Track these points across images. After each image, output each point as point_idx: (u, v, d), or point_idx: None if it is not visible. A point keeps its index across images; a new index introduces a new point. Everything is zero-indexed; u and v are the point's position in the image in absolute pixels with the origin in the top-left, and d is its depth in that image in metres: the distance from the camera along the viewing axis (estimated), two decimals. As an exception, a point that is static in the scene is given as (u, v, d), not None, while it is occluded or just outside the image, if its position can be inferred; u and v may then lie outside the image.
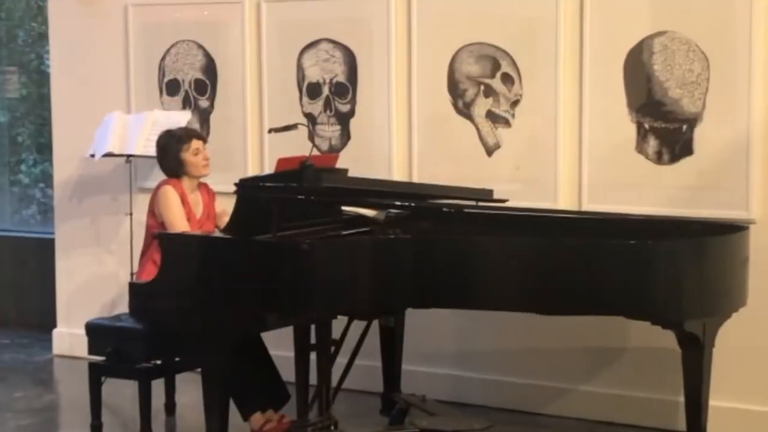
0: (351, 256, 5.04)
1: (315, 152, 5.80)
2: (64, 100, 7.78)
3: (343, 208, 5.75)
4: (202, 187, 6.12)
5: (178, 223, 5.87)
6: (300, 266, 4.99)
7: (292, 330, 5.56)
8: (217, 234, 5.70)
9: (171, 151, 6.00)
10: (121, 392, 6.39)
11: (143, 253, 6.09)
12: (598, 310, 5.08)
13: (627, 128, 6.03)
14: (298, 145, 6.08)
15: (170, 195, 5.94)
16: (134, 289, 5.58)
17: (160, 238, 5.55)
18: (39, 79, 9.17)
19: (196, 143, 6.00)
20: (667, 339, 5.18)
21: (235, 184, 5.28)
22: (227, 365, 5.23)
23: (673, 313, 4.99)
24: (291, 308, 5.14)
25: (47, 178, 8.65)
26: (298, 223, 5.42)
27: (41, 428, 6.19)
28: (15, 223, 9.40)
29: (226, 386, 5.28)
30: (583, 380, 6.19)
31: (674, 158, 5.94)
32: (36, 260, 8.65)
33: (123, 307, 6.27)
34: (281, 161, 5.53)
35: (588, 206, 6.08)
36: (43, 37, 8.37)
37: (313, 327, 5.61)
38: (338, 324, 5.71)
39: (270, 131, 5.84)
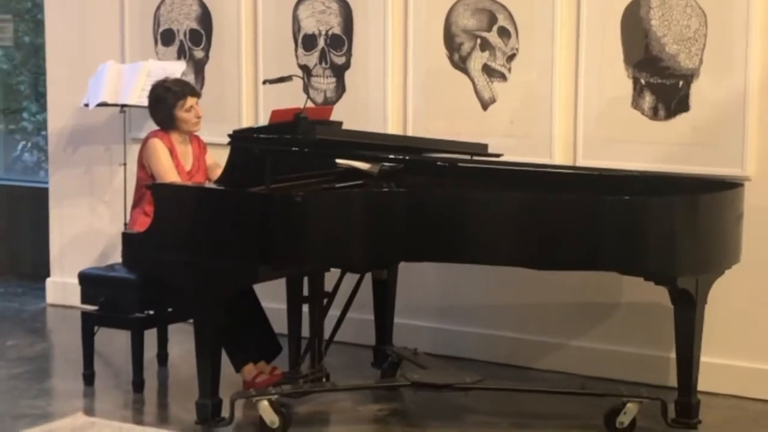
0: (344, 209, 5.04)
1: (309, 104, 5.78)
2: (59, 50, 7.75)
3: (337, 160, 5.73)
4: (194, 139, 6.09)
5: (169, 174, 5.84)
6: (293, 218, 4.99)
7: (285, 282, 5.57)
8: (211, 185, 5.68)
9: (164, 105, 5.97)
10: (114, 342, 6.41)
11: (135, 205, 6.08)
12: (592, 265, 5.10)
13: (623, 84, 6.00)
14: (293, 97, 6.05)
15: (158, 147, 5.92)
16: (127, 239, 5.56)
17: (153, 188, 5.54)
18: (36, 28, 9.11)
19: (190, 100, 5.96)
20: (660, 295, 5.21)
21: (229, 136, 5.26)
22: (219, 317, 5.22)
23: (667, 269, 5.01)
24: (283, 260, 5.14)
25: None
26: (291, 175, 5.42)
27: (33, 377, 6.19)
28: (17, 171, 9.40)
29: (218, 337, 5.28)
30: (575, 335, 6.20)
31: (670, 114, 5.92)
32: (30, 209, 8.63)
33: (116, 257, 6.27)
34: (275, 113, 5.52)
35: (583, 162, 6.06)
36: (40, -16, 8.33)
37: (305, 279, 5.62)
38: (331, 277, 5.72)
39: (264, 82, 5.82)
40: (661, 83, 5.92)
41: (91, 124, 7.52)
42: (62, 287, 7.68)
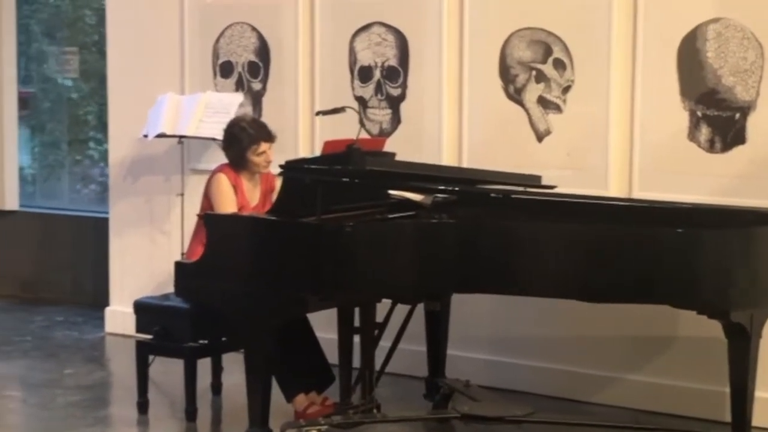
0: (393, 240, 5.04)
1: (363, 135, 5.80)
2: (120, 81, 7.84)
3: (390, 191, 5.74)
4: (264, 176, 6.12)
5: (227, 209, 5.88)
6: (342, 248, 5.00)
7: (337, 312, 5.58)
8: (261, 215, 5.71)
9: (238, 146, 6.00)
10: (170, 371, 6.42)
11: (194, 235, 6.14)
12: (645, 298, 5.04)
13: (679, 116, 5.97)
14: (349, 128, 6.06)
15: (222, 183, 5.96)
16: (179, 268, 5.61)
17: (205, 218, 5.59)
18: (102, 60, 9.22)
19: (264, 145, 5.99)
20: (716, 329, 5.12)
21: (281, 166, 5.30)
22: (269, 346, 5.24)
23: (720, 303, 4.93)
24: (333, 290, 5.15)
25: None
26: (344, 205, 5.43)
27: (89, 405, 6.25)
28: (73, 201, 9.54)
29: (268, 367, 5.29)
30: (629, 369, 6.14)
31: (726, 147, 5.87)
32: (92, 239, 8.73)
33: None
34: (328, 144, 5.56)
35: (638, 194, 6.03)
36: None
37: (357, 310, 5.63)
38: (383, 307, 5.72)
39: (317, 114, 5.88)
40: (718, 115, 5.87)
41: (150, 155, 7.60)
42: (121, 316, 7.73)
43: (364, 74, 6.86)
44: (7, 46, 9.08)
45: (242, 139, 5.98)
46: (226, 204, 5.90)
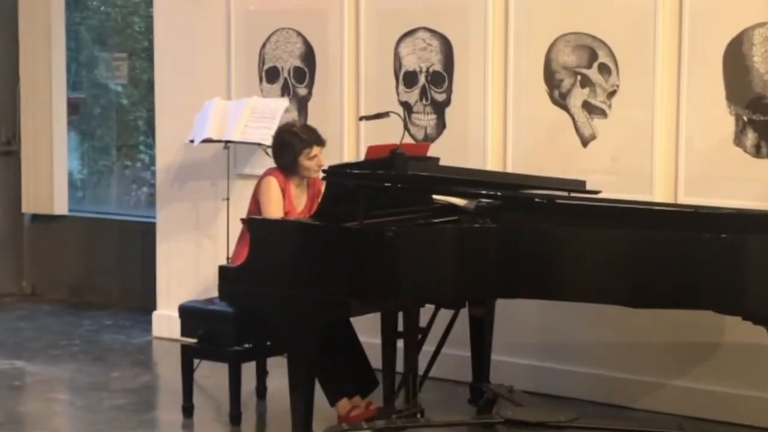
0: (435, 244, 5.04)
1: (407, 140, 5.80)
2: (168, 87, 7.90)
3: (434, 196, 5.74)
4: (312, 182, 6.13)
5: (273, 212, 5.90)
6: (384, 253, 5.00)
7: (380, 317, 5.59)
8: (304, 220, 5.73)
9: (289, 151, 6.00)
10: (216, 375, 6.45)
11: (239, 239, 6.15)
12: (688, 304, 5.00)
13: (725, 121, 5.93)
14: (394, 133, 6.06)
15: (272, 185, 5.98)
16: (223, 272, 5.62)
17: (248, 222, 5.61)
18: (152, 66, 9.29)
19: (316, 149, 6.00)
20: (761, 334, 5.08)
21: (324, 171, 5.31)
22: (312, 350, 5.26)
23: (765, 308, 4.89)
24: (375, 295, 5.16)
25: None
26: (388, 210, 5.43)
27: (135, 408, 6.29)
28: (121, 206, 9.63)
29: (311, 371, 5.31)
30: (674, 375, 6.11)
31: (773, 152, 5.85)
32: (140, 244, 8.79)
33: (219, 291, 6.34)
34: (371, 149, 5.57)
35: (684, 199, 6.00)
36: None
37: (400, 314, 5.63)
38: (427, 312, 5.72)
39: (361, 119, 5.88)
40: (764, 120, 5.84)
41: (197, 160, 7.64)
42: (168, 320, 7.77)
43: (409, 79, 6.86)
44: (57, 52, 9.17)
45: (294, 144, 5.99)
46: (273, 208, 5.92)
